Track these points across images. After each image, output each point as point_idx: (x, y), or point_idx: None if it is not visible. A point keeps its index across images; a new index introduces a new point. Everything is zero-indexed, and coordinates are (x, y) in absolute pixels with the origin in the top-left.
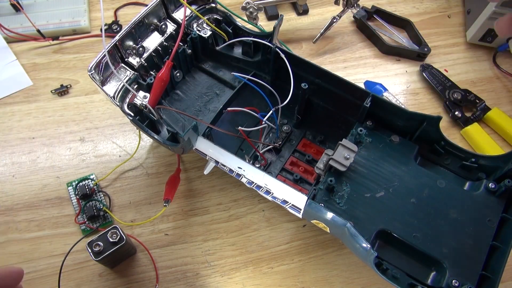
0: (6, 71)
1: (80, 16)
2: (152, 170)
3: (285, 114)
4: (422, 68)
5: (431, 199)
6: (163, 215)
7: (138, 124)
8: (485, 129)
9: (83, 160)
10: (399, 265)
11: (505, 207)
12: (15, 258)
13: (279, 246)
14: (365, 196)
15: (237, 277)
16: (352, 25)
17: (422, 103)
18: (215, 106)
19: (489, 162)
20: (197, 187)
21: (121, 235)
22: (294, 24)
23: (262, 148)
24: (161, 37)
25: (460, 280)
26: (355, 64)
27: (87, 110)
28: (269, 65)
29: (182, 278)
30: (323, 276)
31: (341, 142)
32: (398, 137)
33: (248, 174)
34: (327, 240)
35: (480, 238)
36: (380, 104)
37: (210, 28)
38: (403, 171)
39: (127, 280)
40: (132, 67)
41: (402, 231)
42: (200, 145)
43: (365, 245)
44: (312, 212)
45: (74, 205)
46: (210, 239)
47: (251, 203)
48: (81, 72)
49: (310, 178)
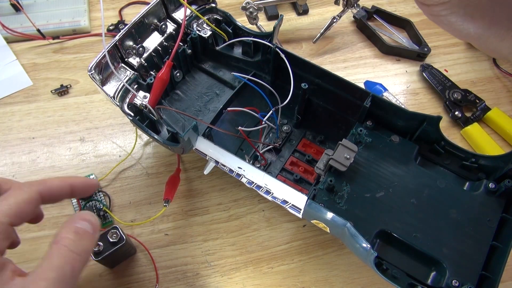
0: (6, 71)
1: (80, 16)
2: (152, 170)
3: (285, 114)
4: (422, 68)
5: (431, 199)
6: (163, 215)
7: (138, 124)
8: (485, 129)
9: (83, 160)
10: (399, 265)
11: (505, 207)
12: (15, 258)
13: (279, 246)
14: (365, 196)
15: (237, 277)
16: (352, 25)
17: (422, 103)
18: (215, 106)
19: (489, 162)
20: (197, 187)
21: (121, 235)
22: (294, 24)
23: (262, 148)
24: (161, 37)
25: (460, 280)
26: (355, 64)
27: (87, 110)
28: (269, 65)
29: (182, 278)
30: (323, 276)
31: (341, 142)
32: (398, 137)
33: (248, 174)
34: (327, 240)
35: (480, 238)
36: (380, 104)
37: (210, 28)
38: (403, 171)
39: (127, 280)
40: (132, 67)
41: (402, 231)
42: (200, 145)
43: (365, 245)
44: (312, 212)
45: (74, 205)
46: (210, 239)
47: (251, 203)
48: (81, 72)
49: (310, 178)
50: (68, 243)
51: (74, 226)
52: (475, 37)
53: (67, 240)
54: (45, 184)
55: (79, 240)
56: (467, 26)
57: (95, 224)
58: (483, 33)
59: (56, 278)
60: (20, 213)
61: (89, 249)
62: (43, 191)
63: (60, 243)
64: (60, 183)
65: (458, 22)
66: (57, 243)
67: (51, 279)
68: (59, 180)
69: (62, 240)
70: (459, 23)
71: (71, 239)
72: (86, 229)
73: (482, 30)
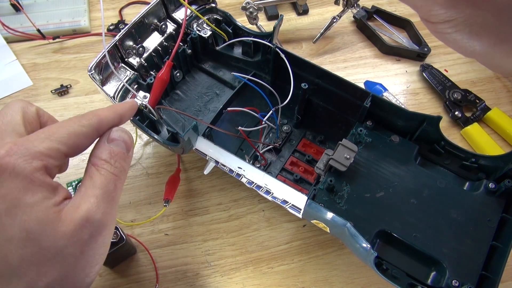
0: (6, 71)
1: (80, 16)
2: (152, 170)
3: (285, 114)
4: (422, 68)
5: (431, 199)
6: (163, 215)
7: (138, 124)
8: (485, 129)
9: (83, 160)
10: (399, 265)
11: (505, 207)
12: None
13: (279, 246)
14: (365, 196)
15: (237, 277)
16: (352, 25)
17: (422, 103)
18: (215, 106)
19: (489, 162)
20: (197, 187)
21: (121, 235)
22: (294, 24)
23: (262, 148)
24: (161, 37)
25: (460, 280)
26: (355, 64)
27: (87, 110)
28: (269, 65)
29: (182, 278)
30: (323, 276)
31: (341, 142)
32: (398, 137)
33: (248, 174)
34: (327, 240)
35: (480, 238)
36: (380, 104)
37: (210, 28)
38: (403, 171)
39: (127, 280)
40: (132, 67)
41: (402, 231)
42: (200, 145)
43: (365, 245)
44: (312, 212)
45: None
46: (210, 239)
47: (251, 203)
48: (81, 72)
49: (310, 178)
50: (106, 166)
51: (108, 148)
52: (480, 54)
53: (104, 164)
54: (100, 120)
55: (115, 162)
56: (473, 43)
57: (128, 143)
58: (489, 50)
59: (102, 194)
60: (77, 145)
61: (126, 168)
62: (99, 127)
63: (98, 165)
64: (113, 115)
65: (464, 40)
66: (95, 165)
67: (98, 195)
68: (112, 113)
69: (99, 163)
70: (464, 41)
71: (108, 163)
72: (121, 151)
73: (488, 47)
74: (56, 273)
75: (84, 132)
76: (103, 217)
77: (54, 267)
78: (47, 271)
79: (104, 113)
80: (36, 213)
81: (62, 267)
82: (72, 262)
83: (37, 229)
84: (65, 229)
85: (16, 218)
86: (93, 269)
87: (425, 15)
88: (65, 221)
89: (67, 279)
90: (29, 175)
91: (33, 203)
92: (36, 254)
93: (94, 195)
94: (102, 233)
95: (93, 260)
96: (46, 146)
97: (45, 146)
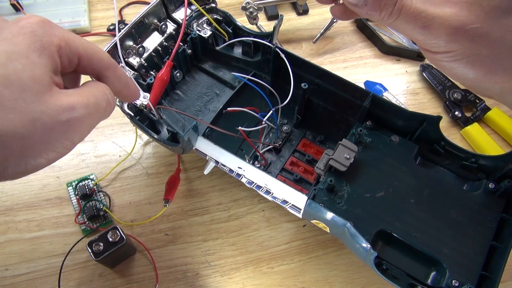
0: None
1: (80, 16)
2: (152, 170)
3: (285, 114)
4: (422, 68)
5: (431, 199)
6: (163, 215)
7: (138, 124)
8: (485, 129)
9: (83, 160)
10: (399, 265)
11: (505, 207)
12: (15, 258)
13: (279, 246)
14: (365, 196)
15: (237, 277)
16: (352, 25)
17: (422, 103)
18: (215, 106)
19: (489, 162)
20: (197, 187)
21: (121, 235)
22: (294, 24)
23: (262, 148)
24: (161, 37)
25: (460, 280)
26: (355, 64)
27: None
28: (269, 65)
29: (182, 278)
30: (323, 276)
31: (341, 142)
32: (398, 137)
33: (248, 174)
34: (327, 240)
35: (480, 238)
36: (380, 104)
37: (210, 28)
38: (403, 171)
39: (127, 280)
40: (132, 67)
41: (402, 231)
42: (200, 145)
43: (365, 245)
44: (312, 212)
45: (74, 205)
46: (210, 239)
47: (251, 203)
48: None
49: (310, 178)
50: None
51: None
52: (472, 82)
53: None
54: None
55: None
56: (467, 72)
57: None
58: (480, 78)
59: (94, 102)
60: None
61: (112, 105)
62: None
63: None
64: (122, 85)
65: (460, 68)
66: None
67: (90, 98)
68: (123, 84)
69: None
70: (460, 69)
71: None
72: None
73: (480, 76)
74: (11, 126)
75: (101, 57)
76: (87, 119)
77: (13, 119)
78: (5, 117)
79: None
80: (33, 70)
81: (22, 126)
82: (35, 128)
83: (26, 78)
84: (49, 99)
85: (15, 62)
86: (45, 153)
87: (426, 47)
88: (53, 95)
89: (17, 142)
90: (45, 43)
91: (34, 62)
92: (9, 94)
93: (86, 96)
94: (78, 128)
95: (53, 144)
96: (66, 37)
97: (65, 36)
